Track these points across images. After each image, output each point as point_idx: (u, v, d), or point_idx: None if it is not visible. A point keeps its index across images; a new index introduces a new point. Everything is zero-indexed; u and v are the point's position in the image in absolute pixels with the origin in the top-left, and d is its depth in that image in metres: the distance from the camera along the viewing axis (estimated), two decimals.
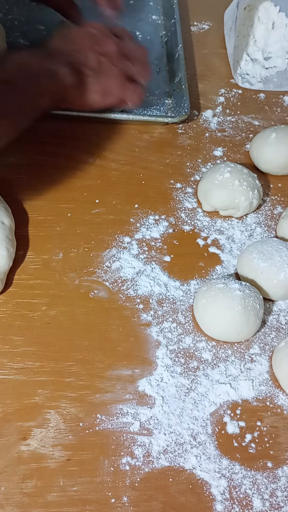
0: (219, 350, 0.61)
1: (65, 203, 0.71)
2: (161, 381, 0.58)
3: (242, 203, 0.70)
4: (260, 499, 0.52)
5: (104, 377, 0.58)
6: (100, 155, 0.77)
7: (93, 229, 0.69)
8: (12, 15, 0.93)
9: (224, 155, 0.80)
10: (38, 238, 0.67)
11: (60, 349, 0.59)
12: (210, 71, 0.91)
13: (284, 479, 0.53)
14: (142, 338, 0.61)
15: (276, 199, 0.76)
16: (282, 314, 0.65)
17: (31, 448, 0.52)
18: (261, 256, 0.64)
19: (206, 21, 0.99)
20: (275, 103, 0.88)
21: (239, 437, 0.55)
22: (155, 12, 0.98)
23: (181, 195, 0.74)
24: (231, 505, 0.51)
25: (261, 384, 0.59)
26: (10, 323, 0.60)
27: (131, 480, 0.52)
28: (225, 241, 0.70)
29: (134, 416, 0.55)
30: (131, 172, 0.76)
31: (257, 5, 0.92)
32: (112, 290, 0.64)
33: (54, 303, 0.62)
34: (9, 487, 0.50)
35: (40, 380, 0.57)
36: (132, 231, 0.70)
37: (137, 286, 0.65)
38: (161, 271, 0.67)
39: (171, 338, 0.61)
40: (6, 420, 0.54)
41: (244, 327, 0.60)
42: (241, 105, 0.87)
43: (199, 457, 0.54)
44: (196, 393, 0.57)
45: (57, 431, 0.54)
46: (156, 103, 0.84)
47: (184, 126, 0.82)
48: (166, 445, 0.54)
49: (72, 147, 0.76)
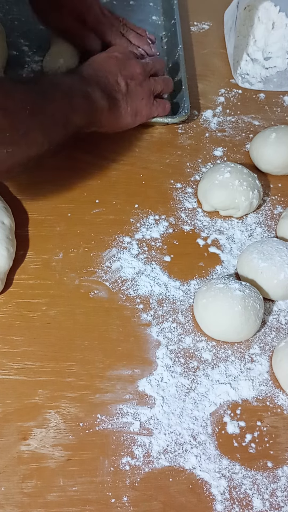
0: (219, 350, 0.61)
1: (65, 203, 0.71)
2: (161, 381, 0.58)
3: (242, 203, 0.70)
4: (260, 499, 0.52)
5: (104, 377, 0.58)
6: (100, 155, 0.77)
7: (93, 229, 0.69)
8: (12, 15, 0.94)
9: (224, 155, 0.80)
10: (38, 238, 0.67)
11: (60, 349, 0.59)
12: (210, 71, 0.91)
13: (284, 479, 0.53)
14: (142, 338, 0.61)
15: (276, 199, 0.76)
16: (282, 314, 0.65)
17: (31, 448, 0.52)
18: (261, 256, 0.64)
19: (206, 21, 0.99)
20: (275, 103, 0.88)
21: (239, 437, 0.55)
22: (155, 13, 0.99)
23: (181, 195, 0.74)
24: (231, 505, 0.51)
25: (261, 384, 0.59)
26: (10, 323, 0.60)
27: (131, 480, 0.52)
28: (225, 241, 0.70)
29: (134, 416, 0.55)
30: (131, 172, 0.76)
31: (257, 5, 0.92)
32: (112, 290, 0.64)
33: (54, 303, 0.62)
34: (9, 487, 0.50)
35: (40, 380, 0.57)
36: (132, 231, 0.70)
37: (137, 286, 0.65)
38: (161, 271, 0.67)
39: (171, 338, 0.61)
40: (6, 420, 0.54)
41: (244, 327, 0.60)
42: (241, 105, 0.87)
43: (199, 457, 0.54)
44: (196, 393, 0.57)
45: (57, 431, 0.54)
46: None
47: (184, 126, 0.82)
48: (166, 445, 0.54)
49: (72, 147, 0.76)
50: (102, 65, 0.72)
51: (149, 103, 0.76)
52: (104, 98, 0.69)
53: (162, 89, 0.79)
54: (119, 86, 0.72)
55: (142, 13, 0.98)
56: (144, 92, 0.75)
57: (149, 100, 0.76)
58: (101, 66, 0.72)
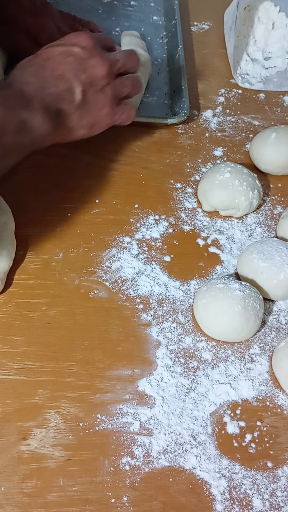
0: (219, 350, 0.61)
1: (65, 203, 0.71)
2: (161, 381, 0.58)
3: (242, 203, 0.70)
4: (260, 499, 0.52)
5: (104, 377, 0.58)
6: (100, 155, 0.77)
7: (93, 229, 0.69)
8: None
9: (224, 155, 0.80)
10: (38, 238, 0.67)
11: (60, 349, 0.59)
12: (210, 71, 0.91)
13: (284, 479, 0.53)
14: (142, 338, 0.61)
15: (276, 199, 0.76)
16: (282, 314, 0.65)
17: (31, 448, 0.52)
18: (261, 256, 0.64)
19: (206, 21, 0.99)
20: (275, 103, 0.88)
21: (239, 437, 0.55)
22: (156, 13, 0.99)
23: (181, 195, 0.74)
24: (231, 505, 0.51)
25: (261, 384, 0.59)
26: (10, 323, 0.60)
27: (131, 480, 0.52)
28: (225, 241, 0.70)
29: (134, 416, 0.55)
30: (131, 172, 0.76)
31: (257, 5, 0.92)
32: (112, 290, 0.64)
33: (54, 303, 0.62)
34: (9, 487, 0.50)
35: (40, 380, 0.57)
36: (132, 231, 0.70)
37: (137, 286, 0.65)
38: (161, 271, 0.66)
39: (171, 338, 0.61)
40: (6, 420, 0.54)
41: (244, 327, 0.60)
42: (241, 105, 0.87)
43: (199, 457, 0.54)
44: (196, 393, 0.57)
45: (57, 431, 0.54)
46: (156, 104, 0.84)
47: (184, 126, 0.82)
48: (166, 445, 0.54)
49: (72, 147, 0.76)
50: (53, 67, 0.58)
51: (111, 112, 0.63)
52: (48, 121, 0.55)
53: (129, 91, 0.66)
54: (72, 95, 0.58)
55: (143, 13, 0.98)
56: (106, 100, 0.62)
57: (111, 108, 0.63)
58: (51, 69, 0.57)
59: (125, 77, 0.65)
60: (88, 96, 0.59)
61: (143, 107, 0.83)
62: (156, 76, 0.88)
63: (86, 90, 0.59)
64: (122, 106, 0.65)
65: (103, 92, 0.61)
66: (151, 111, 0.83)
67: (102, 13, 0.97)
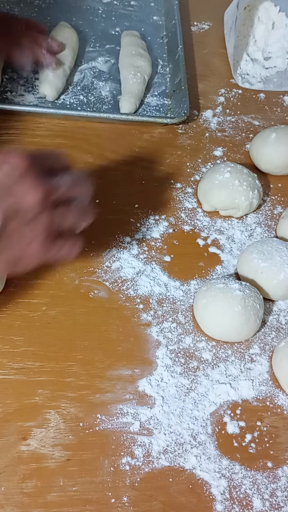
0: (219, 350, 0.61)
1: None
2: (161, 381, 0.58)
3: (242, 203, 0.70)
4: (260, 499, 0.52)
5: (104, 377, 0.58)
6: (100, 155, 0.77)
7: (93, 229, 0.69)
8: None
9: (224, 155, 0.80)
10: None
11: (60, 349, 0.59)
12: (210, 71, 0.91)
13: (284, 479, 0.53)
14: (142, 338, 0.61)
15: (276, 199, 0.76)
16: (282, 314, 0.65)
17: (31, 448, 0.52)
18: (261, 256, 0.64)
19: (206, 21, 0.99)
20: (275, 103, 0.88)
21: (239, 437, 0.55)
22: (156, 13, 0.99)
23: (181, 195, 0.74)
24: (231, 505, 0.51)
25: (261, 384, 0.59)
26: (10, 323, 0.60)
27: (131, 480, 0.52)
28: (225, 241, 0.70)
29: (134, 416, 0.55)
30: (131, 172, 0.76)
31: (257, 5, 0.92)
32: (112, 290, 0.64)
33: (54, 303, 0.62)
34: (9, 487, 0.50)
35: (40, 380, 0.57)
36: (132, 231, 0.70)
37: (137, 286, 0.65)
38: (161, 271, 0.66)
39: (171, 338, 0.61)
40: (6, 420, 0.54)
41: (244, 327, 0.60)
42: (241, 105, 0.87)
43: (199, 457, 0.54)
44: (196, 393, 0.57)
45: (57, 431, 0.54)
46: (156, 104, 0.84)
47: (184, 126, 0.82)
48: (166, 445, 0.54)
49: (71, 147, 0.76)
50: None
51: (44, 246, 0.51)
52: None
53: (73, 223, 0.55)
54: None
55: (143, 13, 0.98)
56: (36, 233, 0.50)
57: (45, 242, 0.51)
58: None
59: (73, 205, 0.54)
60: (10, 229, 0.49)
61: (143, 107, 0.83)
62: (156, 76, 0.88)
63: (7, 222, 0.49)
64: (61, 240, 0.53)
65: (33, 223, 0.50)
66: (151, 111, 0.83)
67: (102, 13, 0.97)
